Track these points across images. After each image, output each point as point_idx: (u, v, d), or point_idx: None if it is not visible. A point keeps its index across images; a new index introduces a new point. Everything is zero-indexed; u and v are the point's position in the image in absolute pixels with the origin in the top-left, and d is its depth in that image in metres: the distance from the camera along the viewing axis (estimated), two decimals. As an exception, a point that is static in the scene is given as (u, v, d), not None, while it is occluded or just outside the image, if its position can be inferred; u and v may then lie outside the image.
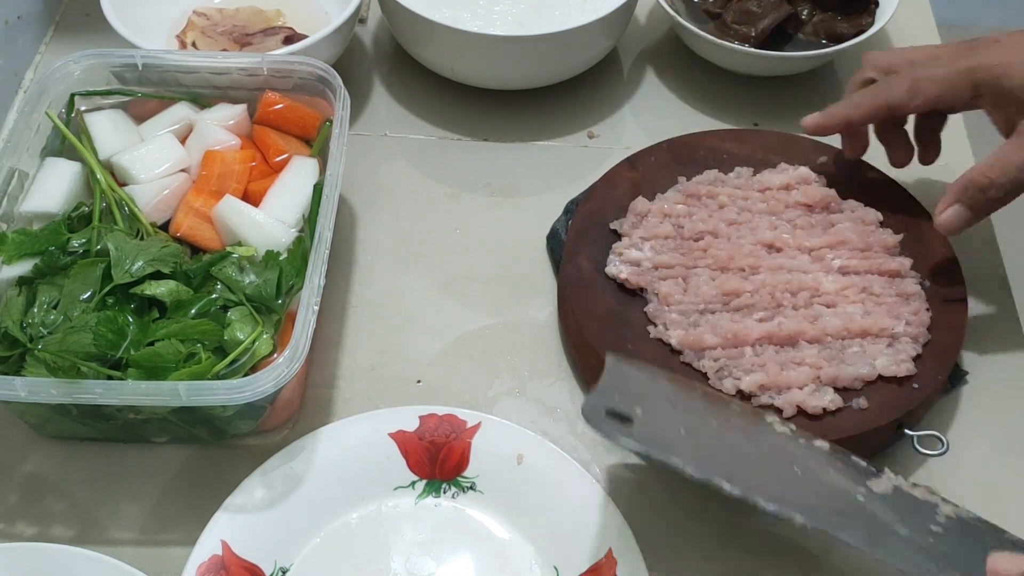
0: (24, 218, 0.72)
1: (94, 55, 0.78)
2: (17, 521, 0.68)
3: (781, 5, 0.91)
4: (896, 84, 0.71)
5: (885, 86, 0.72)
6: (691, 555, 0.67)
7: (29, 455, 0.71)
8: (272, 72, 0.78)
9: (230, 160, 0.75)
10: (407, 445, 0.69)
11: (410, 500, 0.69)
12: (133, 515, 0.69)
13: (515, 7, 0.91)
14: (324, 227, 0.68)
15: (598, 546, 0.65)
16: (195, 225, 0.72)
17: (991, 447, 0.72)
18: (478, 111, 0.93)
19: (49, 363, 0.62)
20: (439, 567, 0.66)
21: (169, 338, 0.63)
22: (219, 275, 0.67)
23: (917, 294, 0.72)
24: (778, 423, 0.64)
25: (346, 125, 0.74)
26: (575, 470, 0.67)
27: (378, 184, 0.87)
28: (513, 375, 0.75)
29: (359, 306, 0.79)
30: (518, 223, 0.84)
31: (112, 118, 0.78)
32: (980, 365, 0.75)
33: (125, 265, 0.66)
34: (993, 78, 0.68)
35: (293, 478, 0.67)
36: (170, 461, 0.71)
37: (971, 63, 0.68)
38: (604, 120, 0.93)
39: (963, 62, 0.69)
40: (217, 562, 0.63)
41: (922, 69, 0.71)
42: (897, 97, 0.71)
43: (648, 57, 0.98)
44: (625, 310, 0.73)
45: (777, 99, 0.93)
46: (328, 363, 0.76)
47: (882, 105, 0.72)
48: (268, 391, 0.61)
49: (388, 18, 0.92)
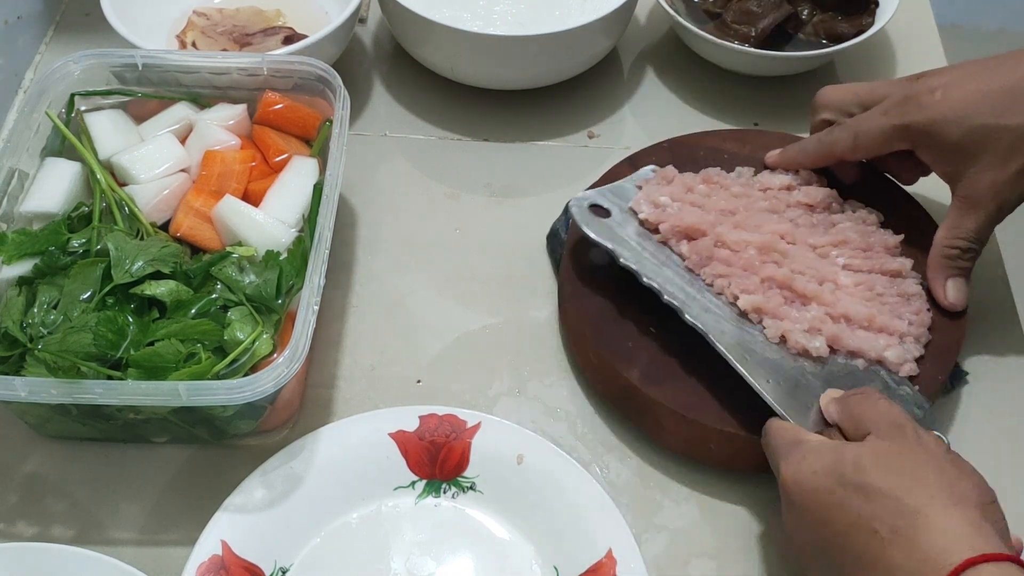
0: (24, 218, 0.72)
1: (94, 55, 0.78)
2: (17, 521, 0.68)
3: (781, 5, 0.91)
4: (839, 137, 0.73)
5: (830, 138, 0.74)
6: (691, 555, 0.67)
7: (29, 455, 0.71)
8: (272, 72, 0.78)
9: (230, 160, 0.75)
10: (407, 445, 0.69)
11: (410, 500, 0.69)
12: (133, 515, 0.69)
13: (515, 7, 0.91)
14: (324, 227, 0.68)
15: (598, 546, 0.65)
16: (195, 225, 0.72)
17: (991, 447, 0.72)
18: (478, 111, 0.93)
19: (49, 363, 0.62)
20: (439, 567, 0.66)
21: (169, 338, 0.63)
22: (219, 275, 0.67)
23: (918, 294, 0.72)
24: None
25: (346, 125, 0.74)
26: (575, 470, 0.67)
27: (378, 184, 0.87)
28: (513, 375, 0.75)
29: (359, 306, 0.80)
30: (518, 223, 0.84)
31: (112, 118, 0.78)
32: (980, 365, 0.75)
33: (125, 265, 0.66)
34: (927, 136, 0.68)
35: (293, 478, 0.67)
36: (170, 461, 0.71)
37: (905, 120, 0.69)
38: (604, 120, 0.93)
39: (898, 119, 0.69)
40: (217, 562, 0.63)
41: (864, 121, 0.72)
42: (841, 149, 0.73)
43: (648, 57, 0.98)
44: (624, 309, 0.73)
45: (777, 99, 0.93)
46: (328, 363, 0.76)
47: (828, 155, 0.75)
48: (268, 391, 0.61)
49: (388, 18, 0.92)
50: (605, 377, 0.72)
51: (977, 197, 0.68)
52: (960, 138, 0.67)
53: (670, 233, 0.73)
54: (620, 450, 0.72)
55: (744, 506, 0.69)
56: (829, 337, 0.68)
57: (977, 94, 0.67)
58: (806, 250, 0.73)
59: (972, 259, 0.71)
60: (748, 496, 0.70)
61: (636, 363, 0.70)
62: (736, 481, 0.70)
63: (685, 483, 0.70)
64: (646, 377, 0.69)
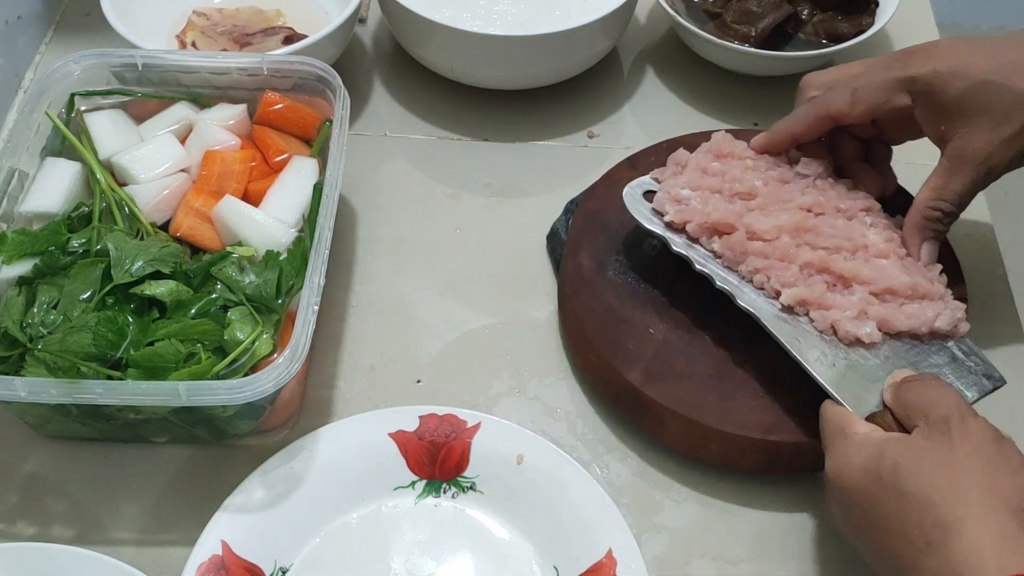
0: (24, 218, 0.72)
1: (94, 55, 0.78)
2: (17, 521, 0.68)
3: (781, 5, 0.91)
4: (836, 94, 0.70)
5: (825, 97, 0.71)
6: (691, 555, 0.67)
7: (29, 455, 0.71)
8: (272, 72, 0.78)
9: (230, 160, 0.75)
10: (407, 445, 0.69)
11: (410, 500, 0.69)
12: (133, 515, 0.69)
13: (515, 7, 0.91)
14: (324, 227, 0.68)
15: (598, 546, 0.65)
16: (195, 225, 0.72)
17: (991, 447, 0.72)
18: (478, 111, 0.93)
19: (49, 363, 0.62)
20: (439, 567, 0.66)
21: (169, 338, 0.63)
22: (219, 275, 0.67)
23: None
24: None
25: (346, 125, 0.74)
26: (575, 470, 0.67)
27: (378, 184, 0.87)
28: (513, 375, 0.75)
29: (359, 306, 0.79)
30: (518, 223, 0.85)
31: (112, 118, 0.77)
32: (980, 365, 0.75)
33: (125, 265, 0.66)
34: (929, 88, 0.67)
35: (293, 478, 0.67)
36: (170, 461, 0.71)
37: (908, 72, 0.67)
38: (604, 120, 0.93)
39: (901, 71, 0.68)
40: (217, 562, 0.63)
41: (864, 76, 0.70)
42: (837, 106, 0.70)
43: (648, 57, 0.98)
44: (625, 309, 0.73)
45: (777, 99, 0.93)
46: (328, 363, 0.76)
47: (823, 115, 0.71)
48: (268, 391, 0.60)
49: (388, 18, 0.92)
50: (605, 377, 0.72)
51: (967, 157, 0.66)
52: (962, 92, 0.65)
53: (699, 231, 0.70)
54: (620, 450, 0.72)
55: (744, 506, 0.69)
56: (879, 320, 0.66)
57: (982, 55, 0.66)
58: (835, 217, 0.71)
59: (950, 223, 0.69)
60: (748, 496, 0.70)
61: (636, 363, 0.70)
62: (736, 481, 0.70)
63: (685, 483, 0.70)
64: (646, 377, 0.69)
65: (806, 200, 0.71)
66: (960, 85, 0.65)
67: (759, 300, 0.68)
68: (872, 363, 0.65)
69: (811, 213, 0.71)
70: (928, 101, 0.67)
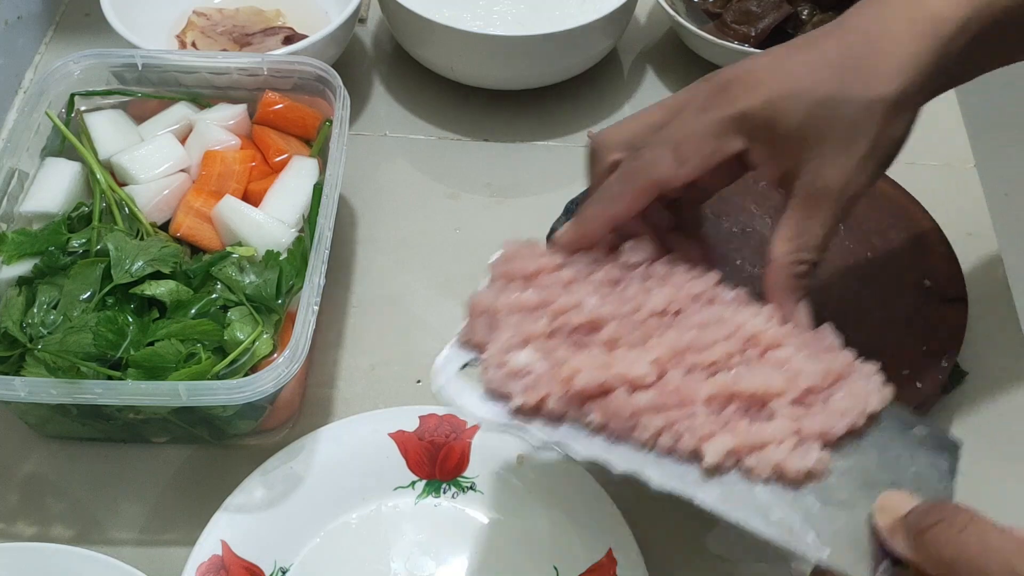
0: (24, 218, 0.72)
1: (94, 55, 0.78)
2: (17, 521, 0.68)
3: (781, 5, 0.91)
4: (654, 154, 0.54)
5: (642, 163, 0.55)
6: (691, 555, 0.67)
7: (29, 455, 0.71)
8: (272, 72, 0.78)
9: (230, 160, 0.75)
10: (407, 445, 0.69)
11: (410, 500, 0.69)
12: (133, 515, 0.69)
13: (515, 7, 0.91)
14: (324, 227, 0.68)
15: (598, 546, 0.65)
16: (195, 225, 0.72)
17: (991, 447, 0.72)
18: (478, 111, 0.93)
19: (49, 363, 0.62)
20: (439, 567, 0.66)
21: (169, 338, 0.63)
22: (219, 275, 0.67)
23: None
24: None
25: (346, 125, 0.74)
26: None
27: (378, 184, 0.87)
28: (513, 375, 0.75)
29: (359, 306, 0.80)
30: (518, 223, 0.84)
31: (112, 118, 0.78)
32: (980, 365, 0.75)
33: (125, 265, 0.66)
34: (766, 122, 0.53)
35: (293, 478, 0.67)
36: (170, 461, 0.71)
37: (737, 108, 0.53)
38: (604, 120, 0.93)
39: (726, 109, 0.54)
40: (217, 562, 0.63)
41: (677, 129, 0.55)
42: (661, 170, 0.54)
43: (648, 57, 0.98)
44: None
45: (777, 99, 0.93)
46: (328, 363, 0.76)
47: (647, 185, 0.55)
48: (268, 391, 0.61)
49: (388, 18, 0.92)
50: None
51: (823, 193, 0.53)
52: (803, 119, 0.52)
53: (564, 405, 0.50)
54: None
55: (744, 506, 0.69)
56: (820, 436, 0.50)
57: (810, 65, 0.53)
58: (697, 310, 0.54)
59: (813, 268, 0.55)
60: (748, 496, 0.70)
61: (635, 363, 0.68)
62: (736, 481, 0.70)
63: (685, 483, 0.70)
64: (645, 378, 0.67)
65: (658, 301, 0.54)
66: (800, 109, 0.52)
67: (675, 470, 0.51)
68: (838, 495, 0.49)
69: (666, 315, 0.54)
70: (767, 138, 0.53)
